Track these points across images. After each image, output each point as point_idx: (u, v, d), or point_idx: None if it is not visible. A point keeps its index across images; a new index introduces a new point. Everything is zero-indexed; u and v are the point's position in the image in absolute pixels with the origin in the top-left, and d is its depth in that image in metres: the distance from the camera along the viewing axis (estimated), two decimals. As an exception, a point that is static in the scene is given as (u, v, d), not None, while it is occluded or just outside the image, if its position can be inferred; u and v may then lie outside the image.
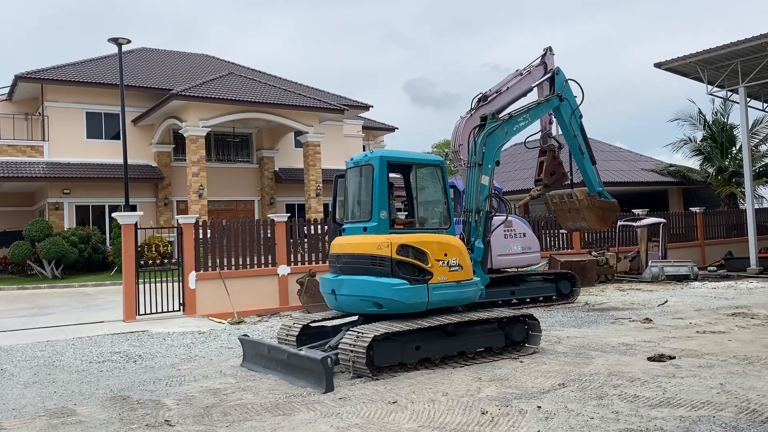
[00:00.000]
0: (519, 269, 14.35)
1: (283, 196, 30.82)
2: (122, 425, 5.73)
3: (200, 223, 13.44)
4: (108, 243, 25.84)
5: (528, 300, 13.35)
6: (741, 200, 26.84)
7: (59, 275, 23.77)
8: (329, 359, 6.61)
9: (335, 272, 7.99)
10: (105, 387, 7.33)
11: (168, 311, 13.09)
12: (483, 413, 5.66)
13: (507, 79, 14.43)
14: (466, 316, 7.79)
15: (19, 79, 26.02)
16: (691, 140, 28.75)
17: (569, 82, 12.32)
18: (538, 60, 14.78)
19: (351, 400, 6.30)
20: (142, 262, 15.52)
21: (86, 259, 24.69)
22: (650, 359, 7.61)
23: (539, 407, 5.76)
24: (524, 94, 14.54)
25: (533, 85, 14.56)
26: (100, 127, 27.99)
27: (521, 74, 14.51)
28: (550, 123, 14.84)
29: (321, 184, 27.93)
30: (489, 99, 13.99)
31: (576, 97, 12.39)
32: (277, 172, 30.61)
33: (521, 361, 7.77)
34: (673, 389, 6.21)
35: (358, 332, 7.04)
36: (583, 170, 12.39)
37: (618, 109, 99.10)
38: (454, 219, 8.27)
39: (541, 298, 13.48)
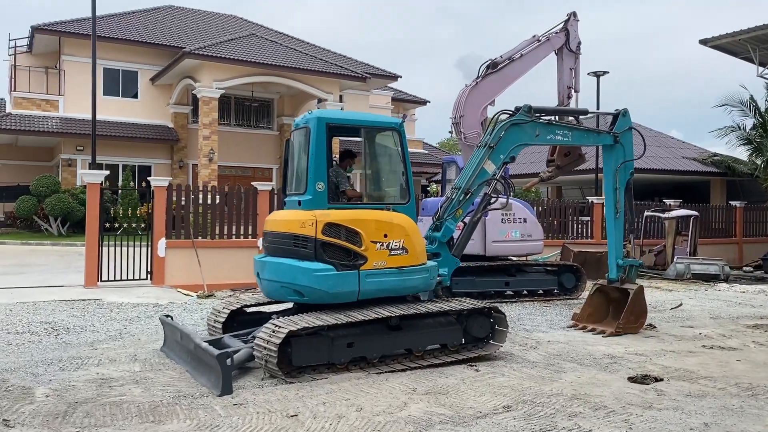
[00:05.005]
0: (522, 258, 13.00)
1: (302, 165, 29.81)
2: (-48, 421, 4.77)
3: (174, 187, 12.48)
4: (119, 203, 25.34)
5: (525, 293, 12.02)
6: (790, 196, 24.64)
7: (64, 233, 23.38)
8: (229, 357, 5.52)
9: (264, 252, 6.89)
10: (-8, 365, 6.43)
11: (135, 279, 12.23)
12: (388, 442, 4.51)
13: (522, 45, 12.94)
14: (412, 308, 6.59)
15: (35, 30, 25.50)
16: (739, 128, 26.46)
17: (632, 130, 9.52)
18: (560, 26, 13.23)
19: (246, 408, 5.22)
20: (143, 225, 14.79)
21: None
22: (631, 379, 6.30)
23: (462, 439, 4.57)
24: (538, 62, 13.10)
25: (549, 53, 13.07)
26: (118, 84, 27.37)
27: (539, 40, 13.00)
28: (569, 97, 13.36)
29: (337, 156, 26.79)
30: (499, 66, 12.57)
31: (635, 153, 9.53)
32: (297, 140, 29.57)
33: (477, 370, 6.55)
34: (642, 426, 4.92)
35: (275, 326, 5.93)
36: (610, 234, 9.59)
37: (676, 95, 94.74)
38: (413, 192, 7.04)
39: (541, 292, 12.12)
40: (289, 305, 7.16)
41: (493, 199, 8.37)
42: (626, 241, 9.83)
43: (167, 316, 7.31)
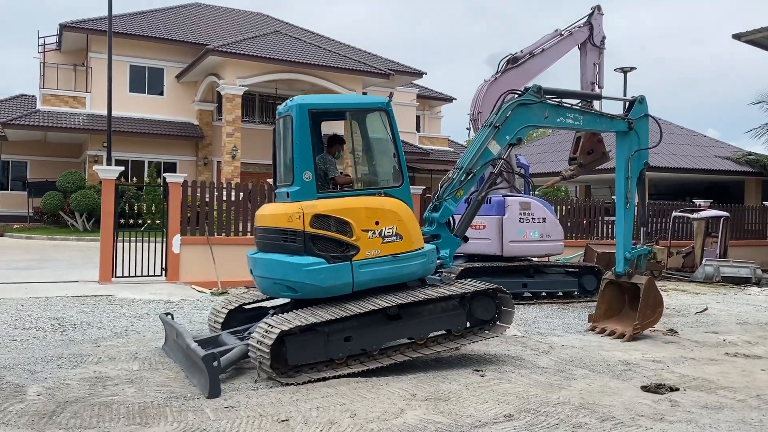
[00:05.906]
0: (543, 259, 12.65)
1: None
2: (-63, 420, 4.70)
3: (189, 183, 12.43)
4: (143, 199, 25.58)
5: (544, 294, 11.69)
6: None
7: (89, 228, 23.64)
8: (216, 359, 5.36)
9: (256, 248, 6.75)
10: (-10, 362, 6.38)
11: (149, 275, 12.22)
12: (377, 451, 4.30)
13: (543, 40, 12.61)
14: (411, 295, 6.34)
15: (63, 28, 25.85)
16: (776, 126, 25.58)
17: (649, 118, 9.05)
18: (584, 20, 12.86)
19: (237, 411, 5.06)
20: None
21: (119, 213, 24.48)
22: (644, 389, 5.98)
23: (456, 450, 4.34)
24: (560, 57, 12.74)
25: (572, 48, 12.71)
26: (144, 81, 27.62)
27: (561, 34, 12.66)
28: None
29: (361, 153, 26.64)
30: (520, 61, 12.26)
31: (652, 141, 9.03)
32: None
33: (483, 375, 6.30)
34: (651, 440, 4.63)
35: (267, 326, 5.76)
36: (619, 225, 9.07)
37: (714, 93, 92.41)
38: (407, 174, 6.78)
39: (560, 294, 11.78)
40: (285, 301, 7.00)
41: (499, 180, 8.08)
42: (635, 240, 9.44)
43: (167, 314, 7.21)
